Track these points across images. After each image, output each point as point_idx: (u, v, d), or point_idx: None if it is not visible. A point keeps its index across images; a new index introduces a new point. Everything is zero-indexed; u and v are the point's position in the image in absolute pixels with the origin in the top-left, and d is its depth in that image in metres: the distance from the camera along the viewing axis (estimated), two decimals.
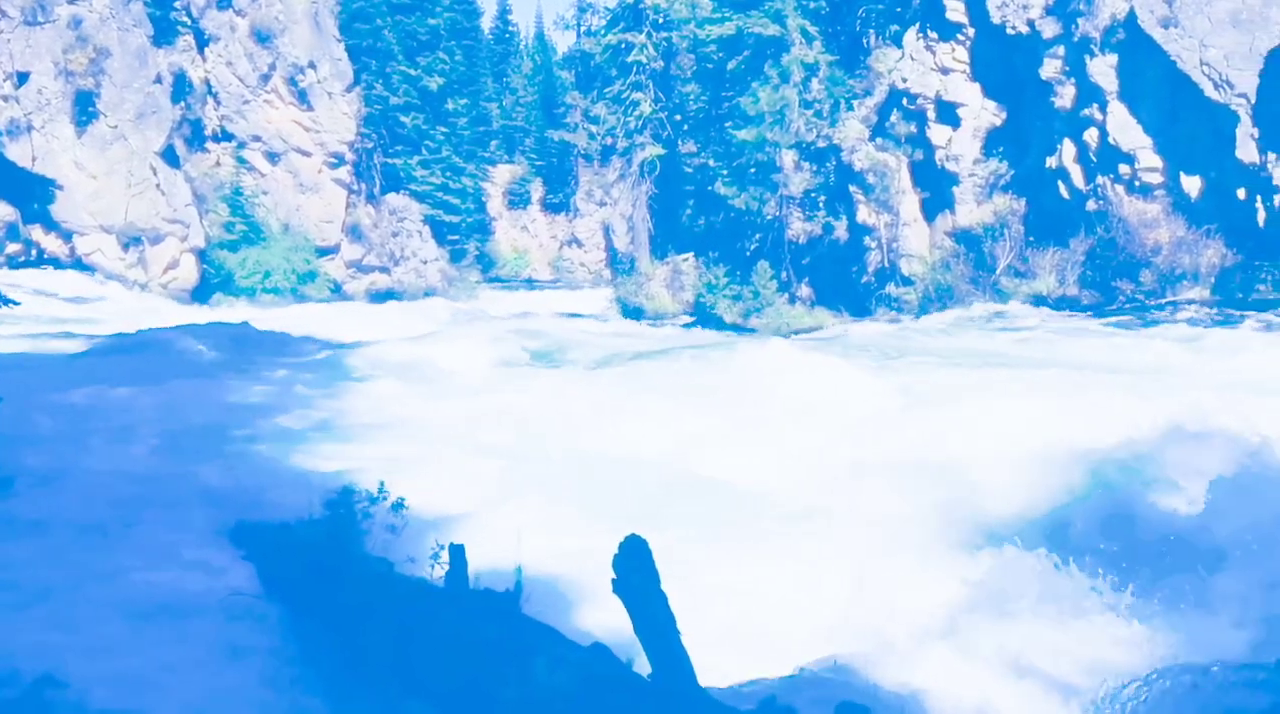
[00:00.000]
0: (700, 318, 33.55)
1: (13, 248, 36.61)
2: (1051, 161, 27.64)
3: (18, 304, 13.99)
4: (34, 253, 37.25)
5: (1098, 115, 26.33)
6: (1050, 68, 27.48)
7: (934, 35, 30.09)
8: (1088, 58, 26.35)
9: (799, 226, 32.93)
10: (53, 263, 37.21)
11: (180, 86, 40.61)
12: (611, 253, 56.95)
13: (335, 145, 43.94)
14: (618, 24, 40.82)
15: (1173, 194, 25.43)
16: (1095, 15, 26.23)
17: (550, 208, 65.70)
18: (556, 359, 22.72)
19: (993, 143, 29.35)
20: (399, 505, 7.39)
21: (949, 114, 29.75)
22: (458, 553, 6.32)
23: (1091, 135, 26.59)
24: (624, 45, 39.58)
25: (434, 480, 10.40)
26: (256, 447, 12.81)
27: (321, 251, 44.01)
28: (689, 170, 38.63)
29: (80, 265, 37.29)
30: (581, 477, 11.40)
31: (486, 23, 73.49)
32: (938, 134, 29.91)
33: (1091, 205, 26.48)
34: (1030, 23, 27.81)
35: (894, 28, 32.72)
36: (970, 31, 29.47)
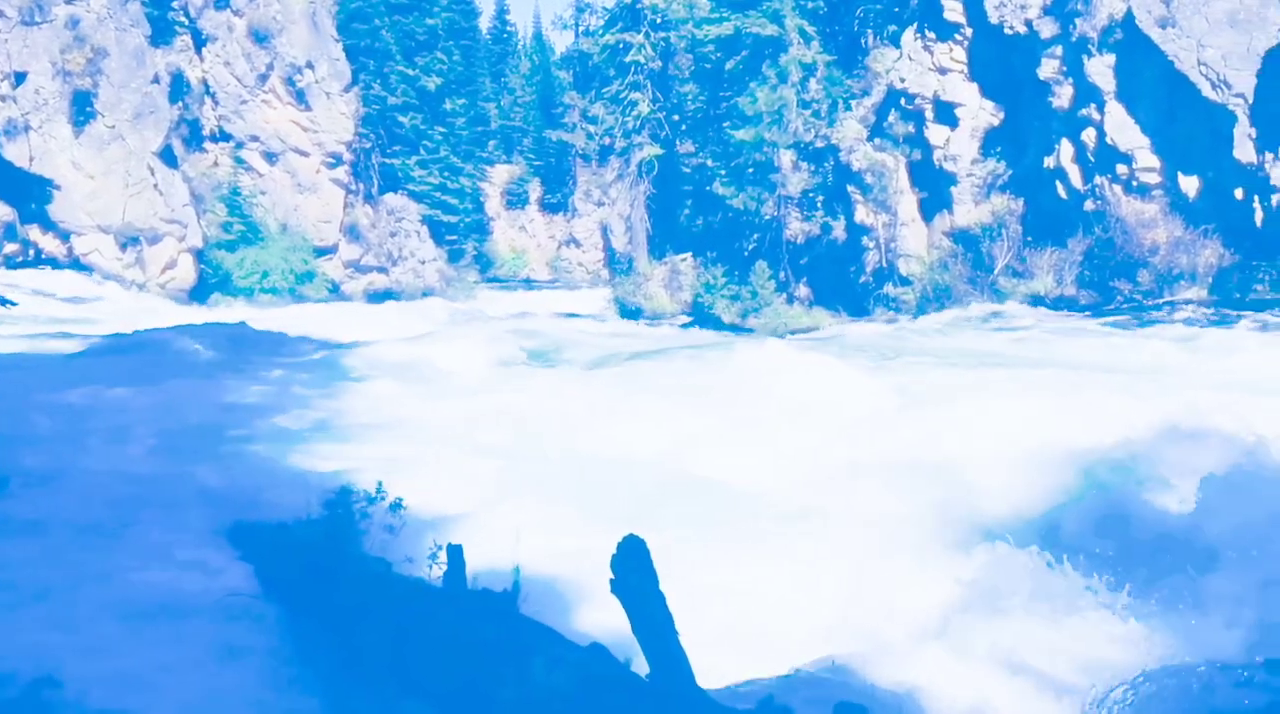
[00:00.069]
0: (698, 318, 33.55)
1: (10, 248, 36.58)
2: (1049, 161, 27.66)
3: (15, 304, 14.00)
4: (31, 253, 37.23)
5: (1095, 115, 26.35)
6: (1048, 68, 27.50)
7: (932, 35, 30.10)
8: (1085, 58, 26.38)
9: (797, 226, 32.94)
10: (50, 263, 37.19)
11: (178, 86, 40.58)
12: (609, 253, 57.00)
13: (333, 145, 43.93)
14: (616, 24, 40.84)
15: (1170, 194, 25.45)
16: (1093, 15, 26.25)
17: (548, 208, 65.70)
18: (554, 359, 22.72)
19: (990, 143, 29.37)
20: (397, 505, 7.39)
21: (947, 114, 29.77)
22: (455, 553, 6.32)
23: (1089, 135, 26.61)
24: (622, 45, 39.60)
25: (432, 480, 10.40)
26: (254, 447, 12.80)
27: (319, 252, 44.01)
28: (687, 170, 38.65)
29: (78, 265, 37.27)
30: (579, 477, 11.40)
31: (484, 23, 73.62)
32: (935, 134, 29.93)
33: (1089, 205, 26.50)
34: (1028, 23, 27.83)
35: (892, 28, 32.73)
36: (968, 31, 29.48)
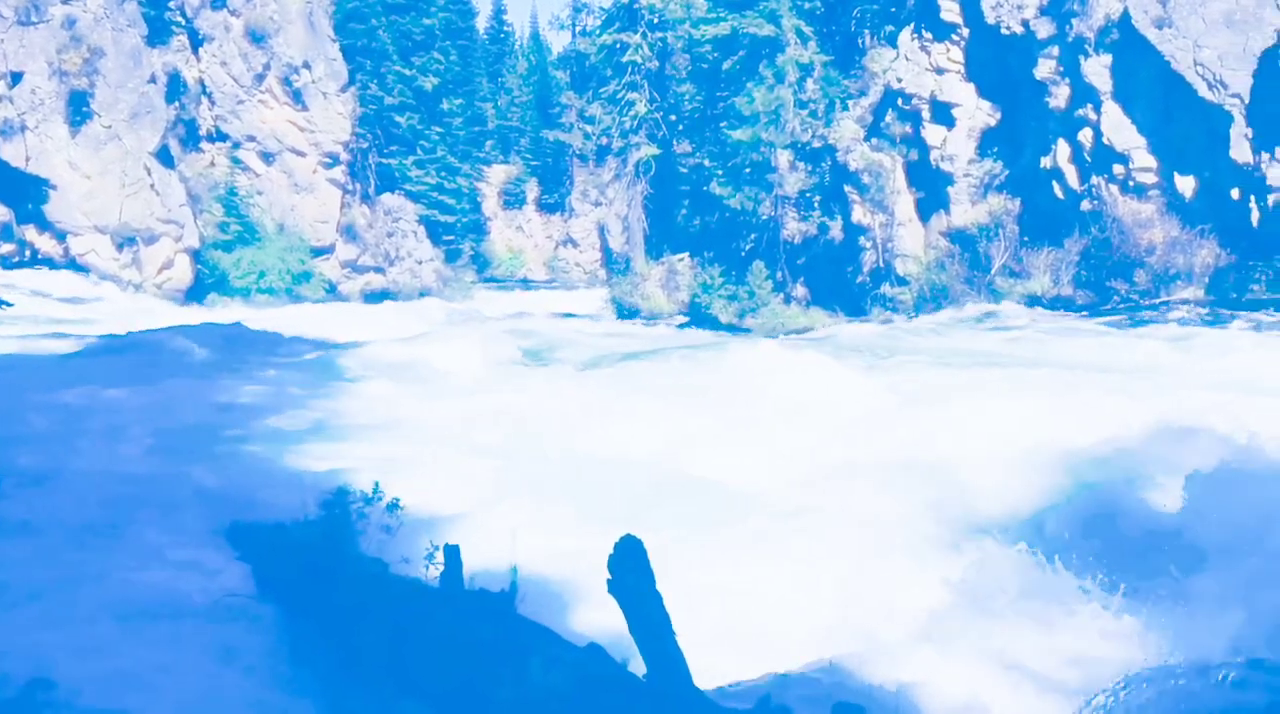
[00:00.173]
0: (695, 318, 33.53)
1: (6, 248, 36.52)
2: (1046, 161, 27.68)
3: (10, 305, 13.98)
4: (28, 253, 37.16)
5: (1092, 115, 26.37)
6: (1045, 68, 27.52)
7: (929, 35, 30.12)
8: (1082, 58, 26.40)
9: (794, 226, 32.94)
10: (47, 263, 37.12)
11: (174, 86, 40.52)
12: (606, 253, 57.02)
13: (330, 145, 43.89)
14: (613, 24, 40.85)
15: (1167, 194, 25.48)
16: (1089, 16, 26.27)
17: (545, 208, 65.66)
18: (551, 359, 22.72)
19: (987, 143, 29.38)
20: (394, 506, 7.38)
21: (944, 114, 29.79)
22: (453, 553, 6.30)
23: (1086, 135, 26.63)
24: (619, 45, 39.61)
25: (429, 481, 10.40)
26: (250, 447, 12.79)
27: (316, 252, 43.96)
28: (684, 170, 38.66)
29: (74, 266, 37.20)
30: (576, 477, 11.40)
31: (481, 23, 73.59)
32: (933, 134, 29.94)
33: (1086, 205, 26.52)
34: (1025, 23, 27.85)
35: (889, 28, 32.74)
36: (965, 32, 29.50)
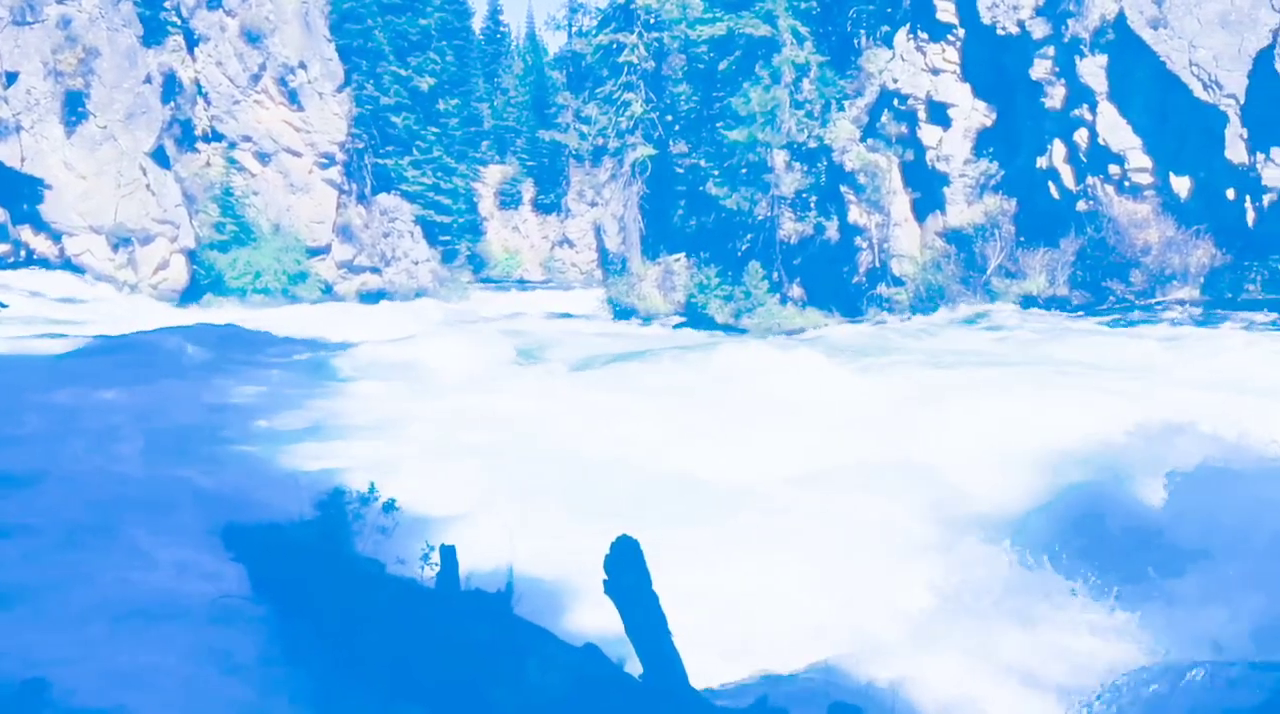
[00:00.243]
0: (692, 318, 33.53)
1: (1, 249, 36.42)
2: (1042, 162, 27.71)
3: (5, 307, 13.93)
4: (23, 253, 37.07)
5: (1088, 116, 26.40)
6: (1040, 68, 27.55)
7: (924, 36, 30.14)
8: (1077, 58, 26.42)
9: (790, 227, 32.94)
10: (42, 264, 37.03)
11: (170, 87, 40.45)
12: (603, 253, 56.95)
13: (326, 145, 43.84)
14: (609, 24, 40.81)
15: (1162, 194, 25.51)
16: (1085, 16, 26.30)
17: (542, 208, 65.62)
18: (547, 360, 22.71)
19: (983, 143, 29.41)
20: (390, 506, 7.37)
21: (940, 114, 29.81)
22: (449, 554, 6.29)
23: (1081, 136, 26.66)
24: (615, 46, 39.57)
25: (424, 481, 10.39)
26: (246, 448, 12.77)
27: (312, 252, 43.89)
28: (680, 171, 38.65)
29: (70, 266, 37.12)
30: (570, 476, 11.42)
31: (477, 23, 73.52)
32: (928, 134, 29.96)
33: (1082, 206, 26.55)
34: (1020, 23, 27.88)
35: (885, 28, 32.77)
36: (960, 32, 29.53)
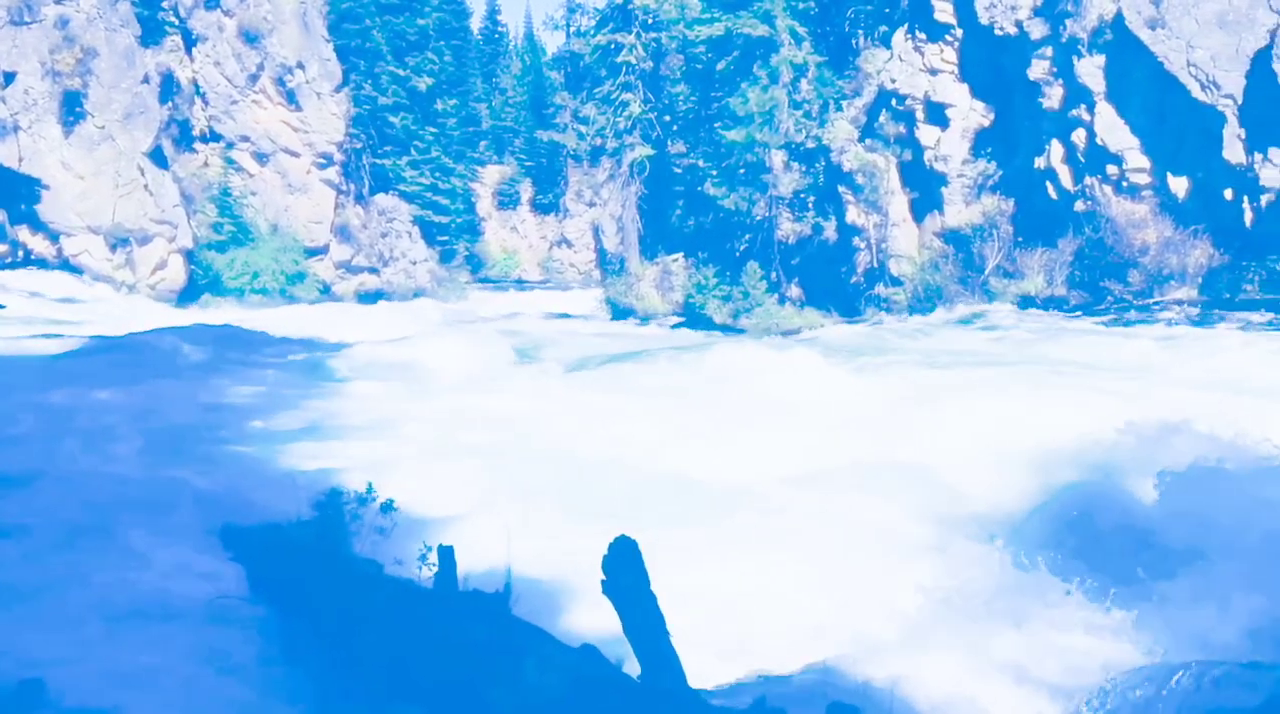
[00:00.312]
0: (690, 318, 33.53)
1: None
2: (1040, 162, 27.72)
3: (3, 307, 13.92)
4: (21, 254, 37.02)
5: (1085, 116, 26.41)
6: (1038, 69, 27.56)
7: (922, 36, 30.15)
8: (1075, 59, 26.43)
9: (788, 227, 32.95)
10: (40, 264, 36.98)
11: (168, 87, 40.42)
12: (601, 253, 56.90)
13: (324, 146, 43.81)
14: (607, 24, 40.80)
15: (1160, 194, 25.52)
16: (1083, 16, 26.31)
17: (540, 208, 65.63)
18: (545, 360, 22.69)
19: (981, 143, 29.42)
20: (388, 507, 7.36)
21: (938, 115, 29.82)
22: (446, 554, 6.28)
23: (1079, 136, 26.67)
24: (613, 46, 39.56)
25: (422, 481, 10.38)
26: (243, 448, 12.75)
27: (310, 252, 43.87)
28: (678, 171, 38.64)
29: (68, 266, 37.07)
30: (568, 477, 11.41)
31: (475, 23, 73.44)
32: (926, 135, 29.97)
33: (1079, 206, 26.56)
34: (1018, 24, 27.89)
35: (882, 28, 32.76)
36: (958, 32, 29.54)
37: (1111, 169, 26.05)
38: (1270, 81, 23.18)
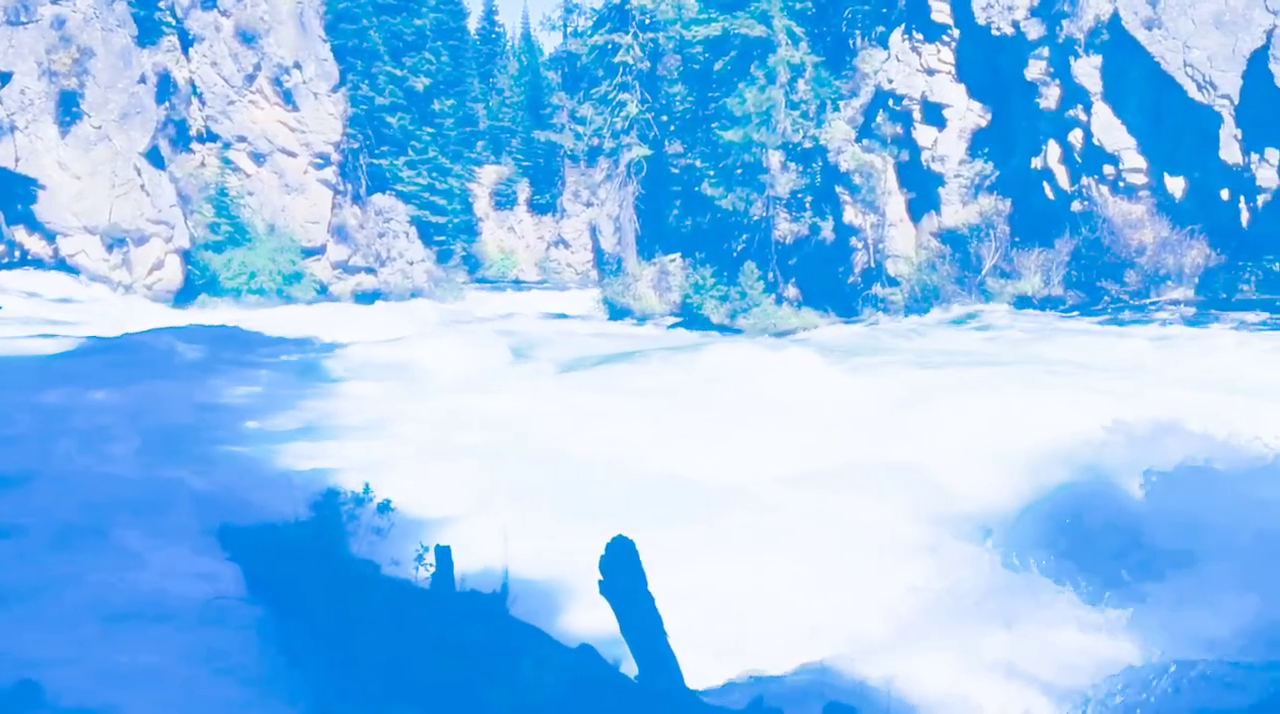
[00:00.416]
0: (687, 318, 33.55)
1: None
2: (1036, 162, 27.76)
3: (0, 308, 13.91)
4: (17, 254, 36.95)
5: (1082, 116, 26.45)
6: (1035, 69, 27.60)
7: (919, 36, 30.18)
8: (1072, 59, 26.47)
9: (785, 227, 32.97)
10: (36, 264, 36.90)
11: (165, 87, 40.37)
12: (598, 253, 56.92)
13: (321, 146, 43.76)
14: (604, 25, 40.78)
15: (1157, 195, 25.56)
16: (1079, 17, 26.35)
17: (537, 208, 65.64)
18: (542, 360, 22.69)
19: (978, 143, 29.45)
20: (385, 507, 7.36)
21: (935, 115, 29.85)
22: (443, 555, 6.29)
23: (1076, 136, 26.71)
24: (610, 46, 39.55)
25: (419, 481, 10.38)
26: (239, 448, 12.74)
27: (307, 252, 43.81)
28: (675, 171, 38.65)
29: (64, 267, 36.99)
30: (564, 478, 11.42)
31: (473, 23, 73.45)
32: (923, 135, 30.00)
33: (1076, 206, 26.60)
34: (1015, 24, 27.92)
35: (880, 29, 32.80)
36: (955, 33, 29.57)
37: (1108, 169, 26.09)
38: (1267, 82, 23.23)
